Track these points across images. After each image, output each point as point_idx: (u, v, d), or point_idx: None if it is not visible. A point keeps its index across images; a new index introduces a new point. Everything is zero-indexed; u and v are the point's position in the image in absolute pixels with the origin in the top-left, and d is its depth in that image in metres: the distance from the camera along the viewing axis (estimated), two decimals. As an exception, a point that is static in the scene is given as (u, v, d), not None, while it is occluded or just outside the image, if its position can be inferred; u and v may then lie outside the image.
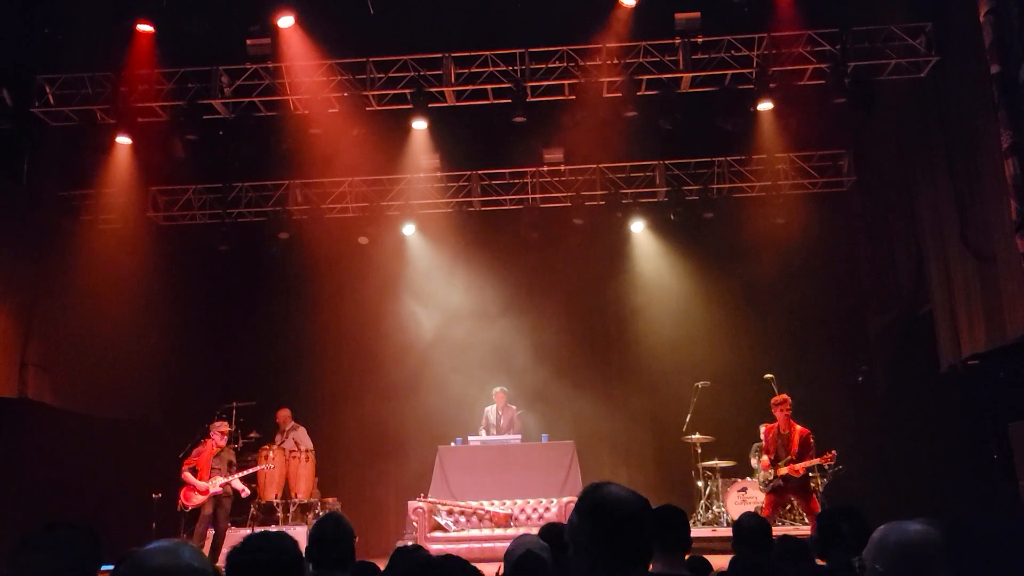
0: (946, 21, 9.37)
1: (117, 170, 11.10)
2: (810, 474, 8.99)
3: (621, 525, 1.92)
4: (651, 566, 3.46)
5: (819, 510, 7.76)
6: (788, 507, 10.78)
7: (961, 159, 8.97)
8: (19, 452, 9.80)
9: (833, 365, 12.40)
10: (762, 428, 9.38)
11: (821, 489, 10.75)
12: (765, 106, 10.43)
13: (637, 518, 1.94)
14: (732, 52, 9.96)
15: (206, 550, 9.41)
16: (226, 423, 10.25)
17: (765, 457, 8.73)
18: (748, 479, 11.02)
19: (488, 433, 11.78)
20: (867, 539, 2.39)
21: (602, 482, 2.04)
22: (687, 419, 11.67)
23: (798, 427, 8.71)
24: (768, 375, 11.45)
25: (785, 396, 8.91)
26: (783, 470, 8.47)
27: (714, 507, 11.12)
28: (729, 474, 11.38)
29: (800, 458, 8.46)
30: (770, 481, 8.59)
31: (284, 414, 11.83)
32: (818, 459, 8.65)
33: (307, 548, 3.48)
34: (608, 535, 1.92)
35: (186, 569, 1.80)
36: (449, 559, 1.66)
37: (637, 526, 1.94)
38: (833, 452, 8.81)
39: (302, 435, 11.67)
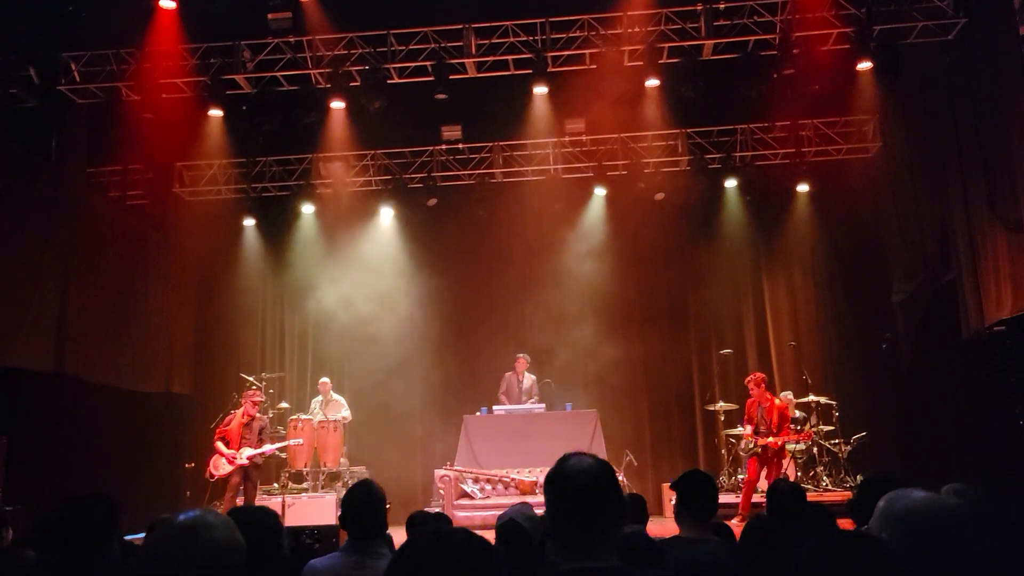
0: (974, -19, 9.19)
1: (143, 146, 11.23)
2: (788, 447, 10.15)
3: (575, 496, 1.97)
4: (679, 530, 3.55)
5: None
6: (812, 474, 10.86)
7: (988, 124, 8.84)
8: (56, 425, 10.04)
9: (857, 332, 12.37)
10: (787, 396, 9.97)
11: (845, 456, 10.80)
12: (788, 72, 10.31)
13: (591, 489, 1.98)
14: (755, 18, 9.83)
15: (235, 519, 9.63)
16: (258, 393, 10.43)
17: (748, 428, 9.90)
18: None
19: (508, 397, 11.91)
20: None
21: (569, 453, 2.09)
22: (711, 388, 11.72)
23: (777, 401, 9.95)
24: (791, 343, 11.46)
25: (757, 374, 10.15)
26: (763, 442, 9.66)
27: (738, 474, 11.19)
28: (752, 442, 11.43)
29: (779, 431, 9.64)
30: (750, 449, 9.81)
31: (325, 385, 12.05)
32: (795, 436, 9.93)
33: (340, 516, 3.56)
34: (564, 506, 1.99)
35: (211, 538, 1.89)
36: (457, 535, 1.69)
37: (591, 497, 1.97)
38: (810, 432, 10.27)
39: (341, 406, 11.89)
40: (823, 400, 11.22)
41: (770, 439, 9.60)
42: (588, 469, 2.01)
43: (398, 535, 3.02)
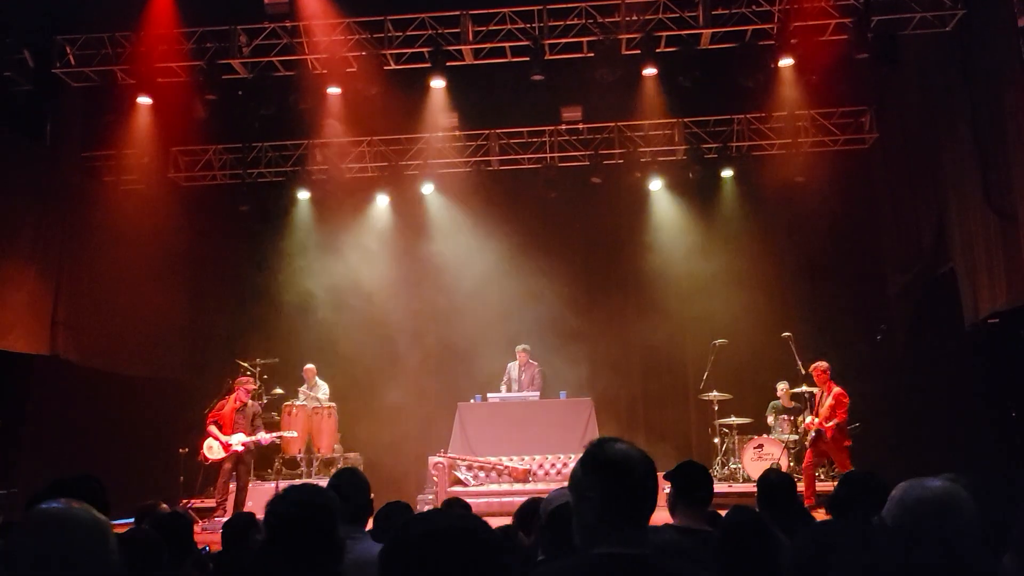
0: (974, -27, 9.17)
1: (138, 131, 11.18)
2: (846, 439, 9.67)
3: (631, 483, 1.93)
4: (674, 519, 3.56)
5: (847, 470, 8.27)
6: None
7: (985, 116, 8.84)
8: (49, 410, 10.04)
9: (852, 324, 12.37)
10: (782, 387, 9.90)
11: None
12: (786, 62, 10.31)
13: (646, 476, 1.96)
14: (752, 7, 9.81)
15: (228, 504, 9.65)
16: (251, 379, 10.43)
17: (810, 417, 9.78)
18: (764, 436, 11.11)
19: (509, 389, 11.93)
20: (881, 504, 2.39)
21: (608, 437, 2.03)
22: (704, 377, 11.74)
23: (835, 389, 9.56)
24: (786, 333, 11.48)
25: (820, 363, 9.81)
26: (809, 426, 9.63)
27: (730, 463, 11.24)
28: (746, 431, 11.47)
29: (828, 418, 9.36)
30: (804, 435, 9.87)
31: (310, 371, 12.04)
32: (830, 420, 9.46)
33: None
34: (618, 492, 1.93)
35: (76, 517, 1.84)
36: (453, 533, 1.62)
37: (645, 484, 1.95)
38: (807, 424, 9.87)
39: (320, 391, 11.87)
40: (817, 391, 11.24)
41: (810, 421, 9.64)
42: (642, 457, 1.98)
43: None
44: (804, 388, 11.07)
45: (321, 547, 2.34)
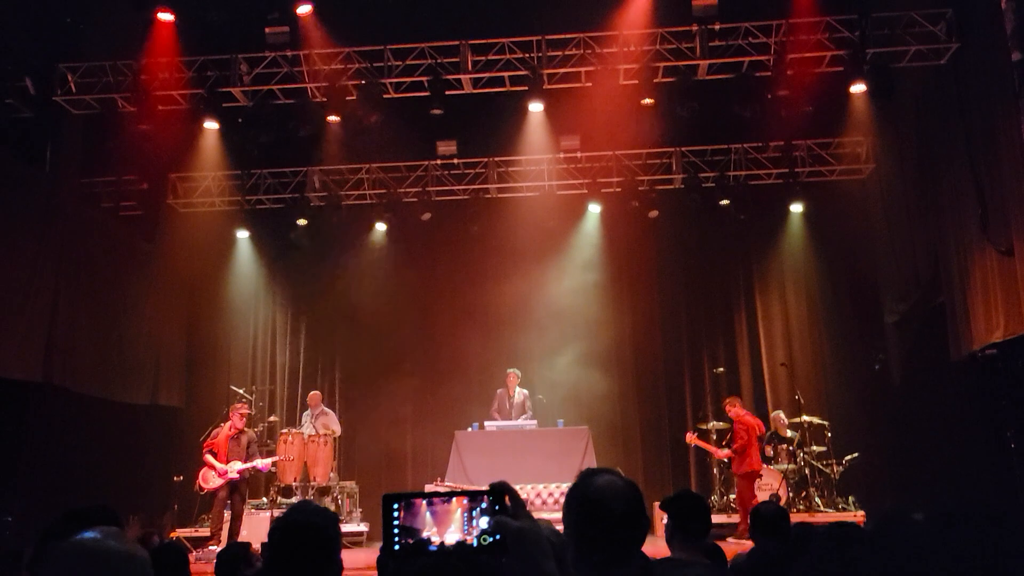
0: (967, 7, 9.27)
1: (138, 157, 11.21)
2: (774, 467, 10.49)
3: (609, 521, 1.81)
4: (670, 551, 3.52)
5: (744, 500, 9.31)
6: (804, 494, 10.82)
7: (981, 147, 8.90)
8: (42, 436, 9.96)
9: (850, 353, 12.38)
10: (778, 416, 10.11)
11: (837, 477, 10.78)
12: (783, 93, 10.38)
13: (626, 512, 1.83)
14: (749, 39, 9.90)
15: (224, 533, 9.56)
16: (246, 406, 10.37)
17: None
18: (763, 466, 11.04)
19: (500, 414, 11.87)
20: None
21: (595, 470, 1.91)
22: (704, 406, 11.71)
23: (739, 415, 9.94)
24: (783, 363, 11.47)
25: (729, 399, 10.35)
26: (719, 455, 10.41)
27: (730, 493, 11.16)
28: (744, 461, 11.40)
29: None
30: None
31: (315, 397, 11.99)
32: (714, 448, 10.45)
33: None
34: (593, 530, 1.81)
35: (112, 550, 1.80)
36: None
37: (625, 523, 1.81)
38: (722, 453, 10.35)
39: (331, 420, 11.83)
40: (815, 420, 11.21)
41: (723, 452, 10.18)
42: (622, 493, 1.83)
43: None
44: (803, 418, 11.05)
45: (321, 567, 2.36)
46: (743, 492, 9.56)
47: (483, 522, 1.71)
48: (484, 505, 1.73)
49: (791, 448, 10.97)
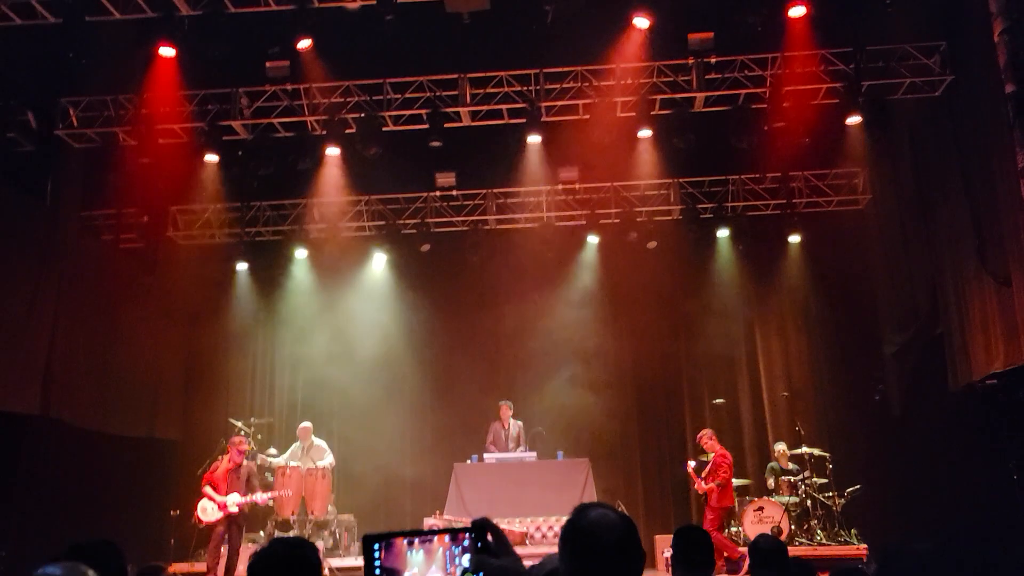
0: (961, 40, 9.38)
1: (139, 190, 11.26)
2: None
3: (601, 554, 1.82)
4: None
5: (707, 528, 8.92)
6: (806, 527, 10.73)
7: (977, 178, 8.96)
8: (38, 469, 9.89)
9: (849, 384, 12.34)
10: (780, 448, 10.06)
11: (839, 509, 10.68)
12: (779, 125, 10.46)
13: (618, 547, 1.82)
14: (745, 72, 10.02)
15: (220, 568, 9.45)
16: (244, 439, 10.30)
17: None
18: (765, 498, 10.96)
19: (496, 446, 11.78)
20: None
21: (590, 504, 1.92)
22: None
23: (717, 451, 10.07)
24: (784, 393, 11.43)
25: (704, 431, 10.37)
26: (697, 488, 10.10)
27: (731, 526, 11.06)
28: (745, 493, 11.32)
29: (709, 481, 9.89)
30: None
31: (305, 430, 11.88)
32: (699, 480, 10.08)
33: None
34: (587, 563, 1.82)
35: None
36: None
37: (617, 555, 1.82)
38: (706, 487, 10.01)
39: (320, 452, 11.71)
40: (817, 452, 11.13)
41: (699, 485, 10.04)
42: (614, 525, 1.85)
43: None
44: (804, 449, 10.97)
45: None
46: (718, 524, 9.78)
47: (465, 560, 1.70)
48: (467, 543, 1.72)
49: (792, 480, 10.89)
